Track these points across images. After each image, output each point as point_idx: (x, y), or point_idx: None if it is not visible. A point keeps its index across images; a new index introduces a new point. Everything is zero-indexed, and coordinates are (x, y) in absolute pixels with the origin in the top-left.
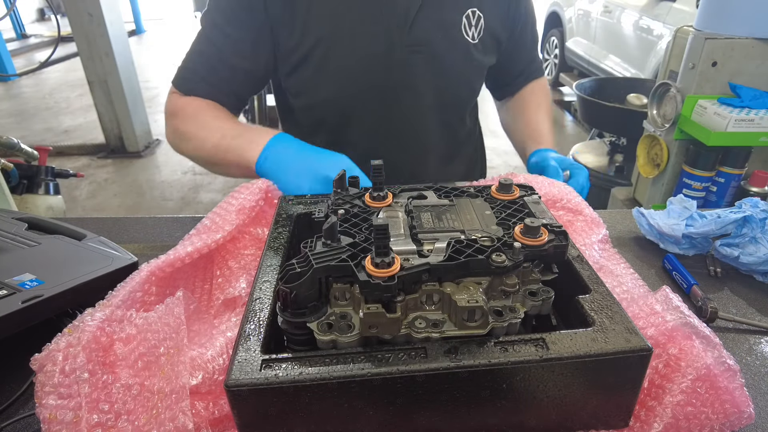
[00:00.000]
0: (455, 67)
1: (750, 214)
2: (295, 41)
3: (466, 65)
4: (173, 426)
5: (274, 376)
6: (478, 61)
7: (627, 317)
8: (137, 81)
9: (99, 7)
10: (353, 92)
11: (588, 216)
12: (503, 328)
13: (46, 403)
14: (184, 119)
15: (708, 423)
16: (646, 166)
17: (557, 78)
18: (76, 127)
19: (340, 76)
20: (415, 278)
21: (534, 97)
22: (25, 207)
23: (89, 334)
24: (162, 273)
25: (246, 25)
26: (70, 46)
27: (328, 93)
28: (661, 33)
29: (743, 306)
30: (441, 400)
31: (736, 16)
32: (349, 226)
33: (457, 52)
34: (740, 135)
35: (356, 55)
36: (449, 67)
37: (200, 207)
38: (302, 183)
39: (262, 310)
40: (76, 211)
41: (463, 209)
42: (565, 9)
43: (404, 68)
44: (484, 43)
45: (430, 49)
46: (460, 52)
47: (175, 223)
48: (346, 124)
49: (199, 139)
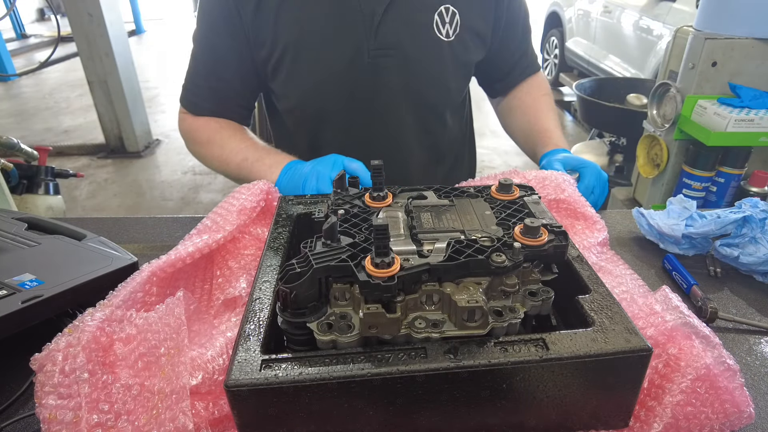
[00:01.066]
0: (427, 67)
1: (750, 214)
2: (267, 50)
3: (440, 65)
4: (173, 426)
5: (274, 376)
6: (455, 59)
7: (627, 317)
8: (137, 81)
9: (99, 7)
10: (323, 98)
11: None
12: (503, 328)
13: (46, 403)
14: (202, 145)
15: (708, 423)
16: (646, 166)
17: (557, 78)
18: (76, 127)
19: (309, 83)
20: (415, 278)
21: (531, 95)
22: (25, 207)
23: (89, 334)
24: (163, 273)
25: (228, 35)
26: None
27: (300, 99)
28: (661, 33)
29: (743, 306)
30: (441, 400)
31: (736, 16)
32: (349, 226)
33: (429, 52)
34: (740, 135)
35: (323, 62)
36: (421, 69)
37: (200, 207)
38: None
39: (262, 310)
40: (76, 211)
41: (463, 209)
42: (565, 9)
43: (373, 72)
44: (462, 40)
45: (399, 52)
46: (432, 51)
47: (175, 223)
48: (322, 129)
49: (222, 161)
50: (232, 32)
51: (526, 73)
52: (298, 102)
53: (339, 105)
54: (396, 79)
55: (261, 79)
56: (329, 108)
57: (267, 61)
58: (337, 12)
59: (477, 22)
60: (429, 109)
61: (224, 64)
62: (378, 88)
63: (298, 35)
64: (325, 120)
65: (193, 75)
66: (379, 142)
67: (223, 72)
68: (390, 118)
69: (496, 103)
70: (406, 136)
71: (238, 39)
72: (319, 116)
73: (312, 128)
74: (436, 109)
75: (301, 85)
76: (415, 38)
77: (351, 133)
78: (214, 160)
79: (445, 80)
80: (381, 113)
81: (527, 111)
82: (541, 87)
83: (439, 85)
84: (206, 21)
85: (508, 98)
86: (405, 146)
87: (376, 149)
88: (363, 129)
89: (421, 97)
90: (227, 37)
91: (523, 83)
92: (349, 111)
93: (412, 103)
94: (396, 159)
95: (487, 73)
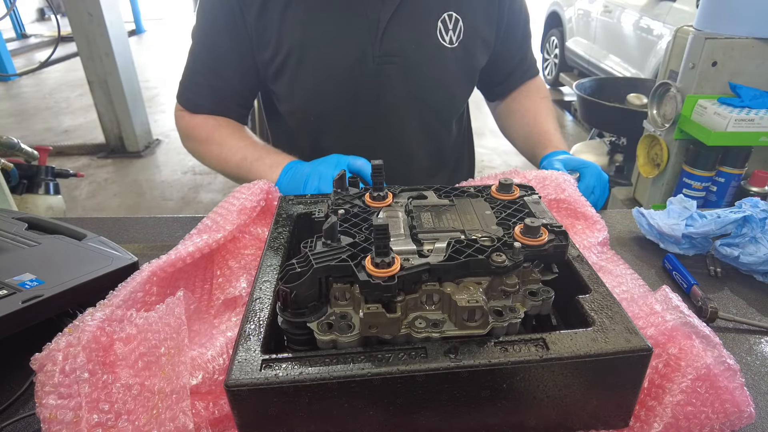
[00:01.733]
0: (431, 74)
1: (750, 214)
2: (271, 51)
3: (443, 71)
4: (173, 426)
5: (274, 376)
6: (459, 66)
7: (627, 317)
8: (137, 81)
9: (99, 7)
10: (326, 103)
11: (589, 218)
12: (503, 328)
13: (46, 403)
14: (201, 142)
15: (708, 423)
16: (646, 166)
17: (557, 78)
18: (76, 127)
19: (311, 88)
20: (415, 278)
21: (530, 98)
22: (25, 207)
23: (89, 334)
24: (163, 273)
25: (229, 34)
26: (70, 46)
27: (302, 101)
28: (661, 33)
29: (743, 306)
30: (441, 400)
31: (736, 16)
32: (349, 226)
33: (433, 58)
34: (740, 135)
35: (327, 66)
36: (424, 75)
37: (200, 207)
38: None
39: (263, 310)
40: (76, 211)
41: (463, 209)
42: (565, 9)
43: (377, 79)
44: (465, 46)
45: (403, 59)
46: (435, 58)
47: (175, 223)
48: (324, 132)
49: (220, 160)
50: (233, 31)
51: (525, 77)
52: (300, 104)
53: (342, 109)
54: (400, 85)
55: (261, 79)
56: (332, 112)
57: (270, 63)
58: (342, 17)
59: (481, 27)
60: (433, 116)
61: (224, 63)
62: (382, 94)
63: (303, 38)
64: (327, 123)
65: (192, 72)
66: (383, 147)
67: (223, 71)
68: (393, 123)
69: (494, 106)
70: (409, 142)
71: (239, 38)
72: (321, 119)
73: (314, 131)
74: (440, 116)
75: (304, 88)
76: (419, 45)
77: (354, 137)
78: (213, 159)
79: (449, 86)
80: (384, 118)
81: (526, 114)
82: (540, 90)
83: (443, 92)
84: (207, 18)
85: (507, 101)
86: (408, 151)
87: (379, 154)
88: (366, 133)
89: (425, 103)
90: (228, 36)
91: (521, 87)
92: (352, 115)
93: (416, 109)
94: (399, 164)
95: (487, 76)
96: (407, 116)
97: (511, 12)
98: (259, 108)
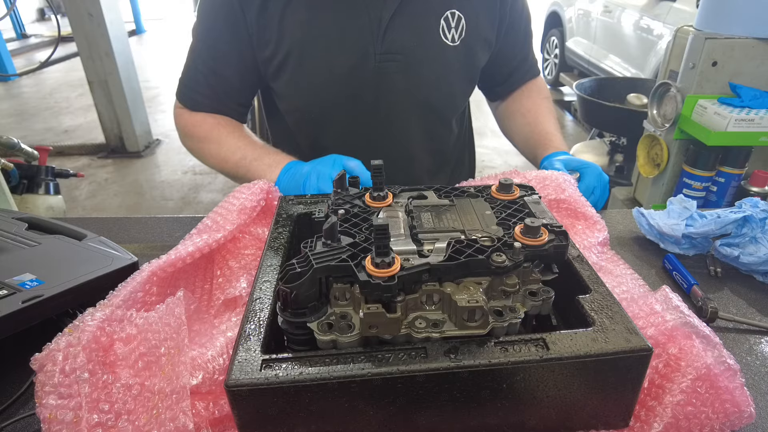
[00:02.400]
0: (432, 72)
1: (750, 214)
2: (271, 49)
3: (445, 70)
4: (174, 426)
5: (274, 376)
6: (460, 64)
7: (627, 317)
8: (137, 81)
9: (99, 6)
10: (326, 101)
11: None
12: (503, 328)
13: (47, 403)
14: (200, 141)
15: (708, 423)
16: (646, 166)
17: (557, 78)
18: (76, 127)
19: (312, 86)
20: (415, 278)
21: (531, 99)
22: (25, 207)
23: (89, 334)
24: (163, 273)
25: (230, 32)
26: (70, 46)
27: (303, 100)
28: (661, 33)
29: (743, 306)
30: (441, 400)
31: (736, 16)
32: (349, 226)
33: (435, 57)
34: (740, 135)
35: (328, 64)
36: (426, 74)
37: (200, 207)
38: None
39: (263, 310)
40: (76, 211)
41: (463, 209)
42: (565, 9)
43: (379, 77)
44: (467, 45)
45: (404, 57)
46: (437, 56)
47: (175, 223)
48: (325, 130)
49: (219, 158)
50: (233, 29)
51: (526, 77)
52: (301, 103)
53: (343, 107)
54: (401, 83)
55: (261, 77)
56: (333, 110)
57: (270, 61)
58: (343, 15)
59: (483, 26)
60: (434, 114)
61: (224, 61)
62: (383, 92)
63: (304, 36)
64: (328, 122)
65: (192, 70)
66: (383, 145)
67: (223, 69)
68: (395, 122)
69: (494, 106)
70: (410, 141)
71: (240, 36)
72: (322, 118)
73: (315, 129)
74: (441, 114)
75: (305, 86)
76: (420, 43)
77: (354, 135)
78: (212, 157)
79: (450, 85)
80: (386, 117)
81: (527, 114)
82: (541, 91)
83: (445, 90)
84: (207, 16)
85: (508, 102)
86: (409, 150)
87: (379, 153)
88: (367, 132)
89: (426, 101)
90: (228, 34)
91: (522, 87)
92: (353, 114)
93: (417, 108)
94: (399, 163)
95: (488, 76)
96: (408, 115)
97: (512, 11)
98: (259, 106)
